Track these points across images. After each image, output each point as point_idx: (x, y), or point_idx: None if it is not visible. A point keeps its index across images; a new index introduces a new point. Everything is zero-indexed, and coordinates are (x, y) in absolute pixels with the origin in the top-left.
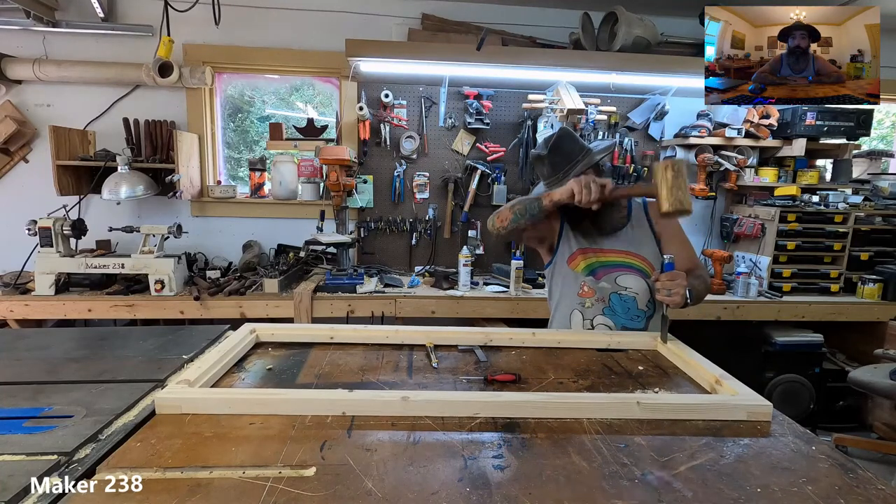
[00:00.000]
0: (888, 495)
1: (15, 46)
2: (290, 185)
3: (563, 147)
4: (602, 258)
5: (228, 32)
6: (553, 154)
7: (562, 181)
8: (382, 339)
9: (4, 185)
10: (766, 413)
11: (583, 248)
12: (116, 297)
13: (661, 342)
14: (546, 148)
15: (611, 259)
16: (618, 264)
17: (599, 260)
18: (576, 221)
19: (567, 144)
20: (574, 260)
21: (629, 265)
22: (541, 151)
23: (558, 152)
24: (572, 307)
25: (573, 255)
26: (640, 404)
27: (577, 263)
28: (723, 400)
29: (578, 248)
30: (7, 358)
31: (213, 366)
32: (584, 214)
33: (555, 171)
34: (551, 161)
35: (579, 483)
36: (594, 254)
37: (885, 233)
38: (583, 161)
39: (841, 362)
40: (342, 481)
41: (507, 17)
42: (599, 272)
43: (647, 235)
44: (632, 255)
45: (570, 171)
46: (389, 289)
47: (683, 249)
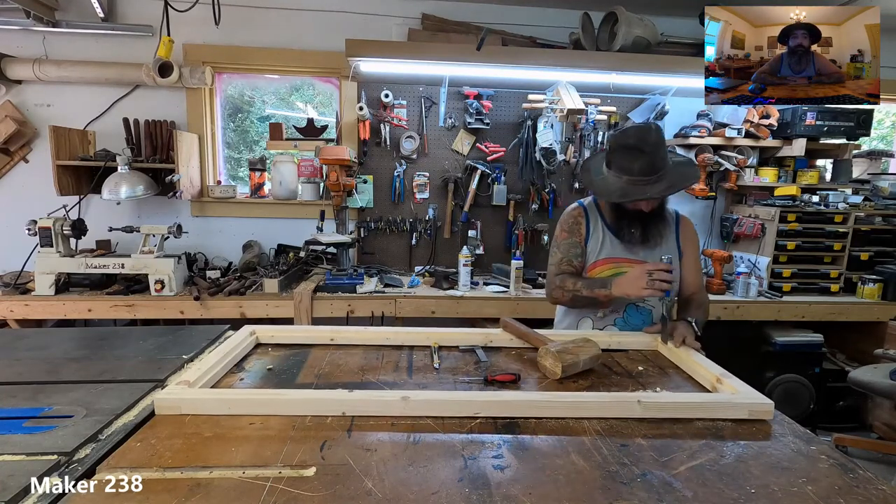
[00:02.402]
0: (888, 495)
1: (15, 46)
2: (290, 185)
3: (659, 152)
4: (627, 269)
5: (228, 32)
6: (650, 154)
7: (644, 186)
8: (383, 341)
9: (4, 185)
10: (768, 411)
11: (611, 257)
12: (116, 297)
13: (661, 342)
14: (643, 142)
15: None
16: None
17: (625, 271)
18: (621, 226)
19: (662, 151)
20: (596, 269)
21: None
22: (638, 144)
23: (656, 154)
24: (583, 314)
25: (595, 264)
26: (642, 403)
27: (601, 272)
28: (724, 398)
29: (605, 258)
30: (7, 358)
31: (212, 367)
32: (635, 219)
33: (639, 173)
34: (647, 160)
35: (579, 483)
36: (621, 263)
37: (885, 233)
38: (669, 184)
39: (841, 362)
40: (342, 481)
41: (507, 17)
42: None
43: (674, 249)
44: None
45: (656, 185)
46: (389, 289)
47: (695, 273)
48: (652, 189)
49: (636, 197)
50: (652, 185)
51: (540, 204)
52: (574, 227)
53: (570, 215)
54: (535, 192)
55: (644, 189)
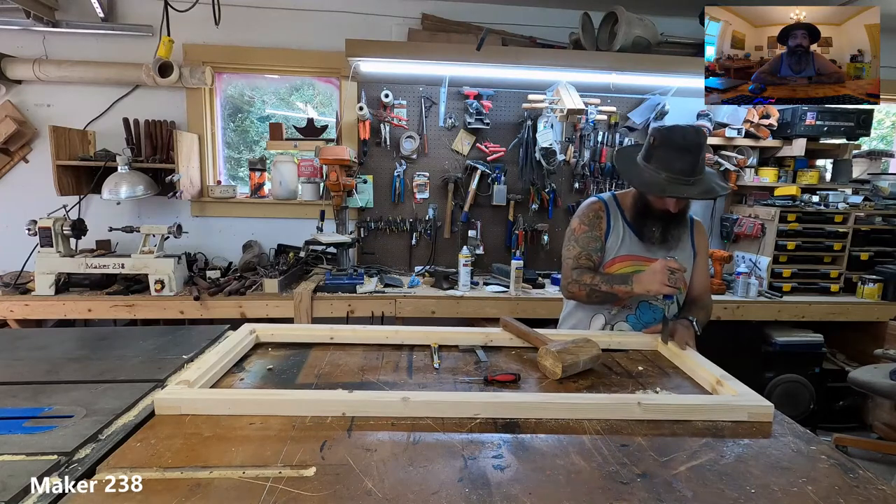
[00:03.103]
0: (888, 495)
1: (15, 46)
2: (290, 185)
3: (701, 155)
4: (645, 267)
5: (228, 32)
6: (695, 155)
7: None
8: (382, 340)
9: (4, 185)
10: (768, 414)
11: (630, 254)
12: (116, 297)
13: (662, 342)
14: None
15: None
16: None
17: (644, 268)
18: (642, 224)
19: (703, 156)
20: (614, 266)
21: None
22: (686, 144)
23: (699, 156)
24: (597, 310)
25: (614, 260)
26: (642, 405)
27: (618, 269)
28: (724, 400)
29: (625, 254)
30: (7, 358)
31: (212, 366)
32: (658, 218)
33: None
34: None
35: (579, 483)
36: (639, 261)
37: (885, 233)
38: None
39: (841, 362)
40: (342, 481)
41: (507, 17)
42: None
43: (689, 251)
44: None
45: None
46: (389, 289)
47: (703, 277)
48: (690, 190)
49: (675, 194)
50: (689, 187)
51: (540, 204)
52: (595, 221)
53: (591, 209)
54: (535, 192)
55: (683, 189)
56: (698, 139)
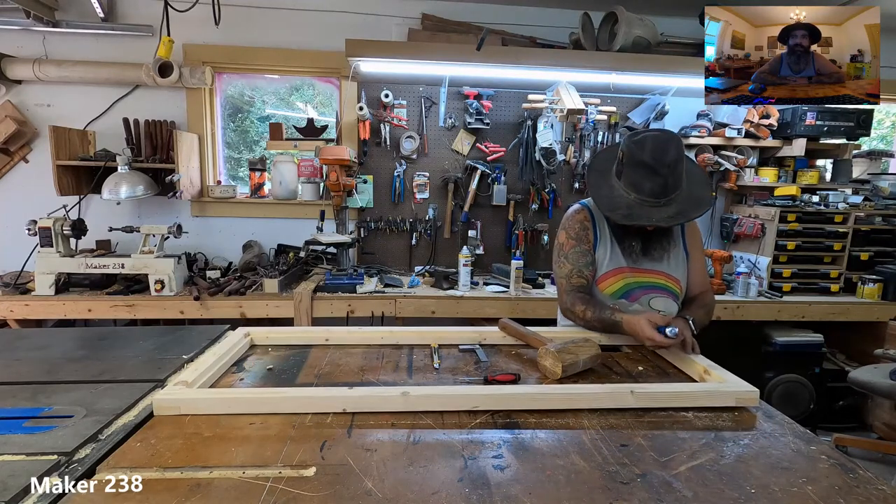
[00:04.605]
0: (888, 495)
1: (15, 46)
2: (290, 185)
3: (675, 173)
4: (640, 279)
5: (228, 32)
6: (665, 176)
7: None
8: (378, 341)
9: (4, 185)
10: (753, 399)
11: (619, 267)
12: (116, 297)
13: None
14: (658, 162)
15: (650, 280)
16: (654, 286)
17: (637, 281)
18: (623, 238)
19: (679, 170)
20: (606, 280)
21: (664, 287)
22: (653, 163)
23: (671, 175)
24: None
25: (606, 275)
26: (634, 393)
27: (610, 284)
28: (712, 387)
29: (615, 268)
30: (7, 358)
31: (209, 368)
32: (636, 233)
33: (650, 194)
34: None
35: (579, 483)
36: (632, 274)
37: (885, 233)
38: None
39: (841, 362)
40: (342, 481)
41: (507, 17)
42: (635, 294)
43: (681, 256)
44: (669, 277)
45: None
46: (389, 289)
47: (701, 274)
48: (658, 213)
49: (639, 222)
50: (660, 209)
51: (540, 204)
52: (582, 234)
53: (576, 220)
54: (535, 192)
55: (650, 212)
56: (667, 156)
